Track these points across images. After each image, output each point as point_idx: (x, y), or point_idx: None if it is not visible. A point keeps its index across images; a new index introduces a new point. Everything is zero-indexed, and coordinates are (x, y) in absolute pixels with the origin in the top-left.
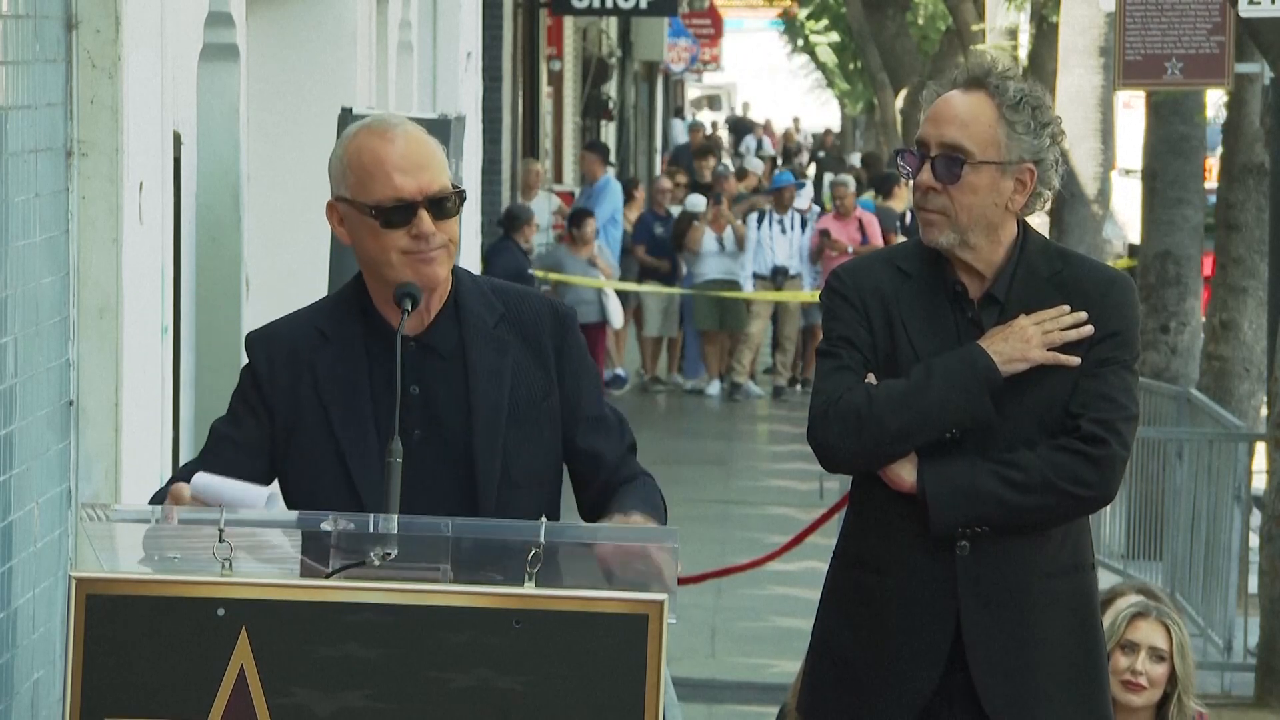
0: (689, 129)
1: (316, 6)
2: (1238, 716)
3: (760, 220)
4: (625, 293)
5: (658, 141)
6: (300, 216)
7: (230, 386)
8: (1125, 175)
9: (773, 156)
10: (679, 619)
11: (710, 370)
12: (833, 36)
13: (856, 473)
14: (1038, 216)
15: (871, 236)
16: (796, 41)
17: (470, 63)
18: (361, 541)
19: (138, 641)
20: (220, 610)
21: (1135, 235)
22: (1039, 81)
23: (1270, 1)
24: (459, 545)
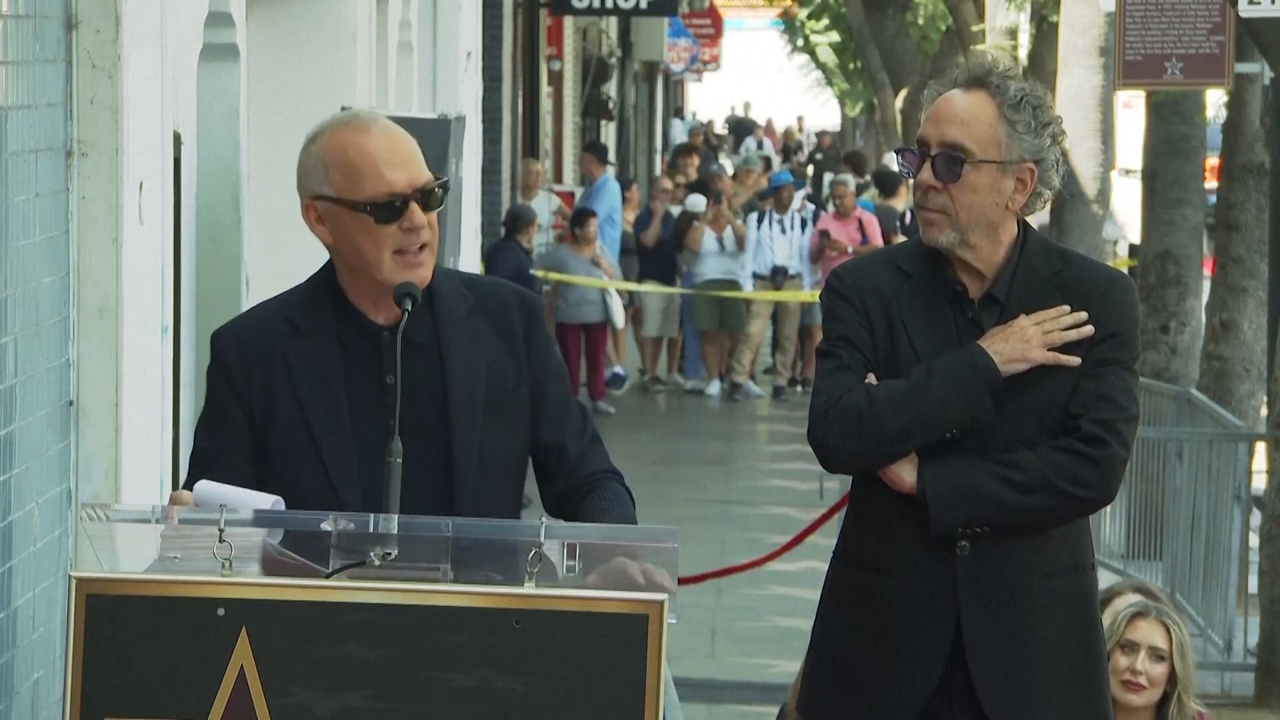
0: (689, 131)
1: (316, 6)
2: (1238, 716)
3: (760, 220)
4: (624, 292)
5: (658, 141)
6: (300, 216)
7: None
8: (1125, 175)
9: (767, 157)
10: (679, 619)
11: (710, 370)
12: (833, 36)
13: (856, 473)
14: (1037, 216)
15: (871, 236)
16: (796, 41)
17: (470, 63)
18: (361, 541)
19: (138, 641)
20: (220, 610)
21: (1135, 235)
22: (1039, 81)
23: (1270, 1)
24: (459, 545)
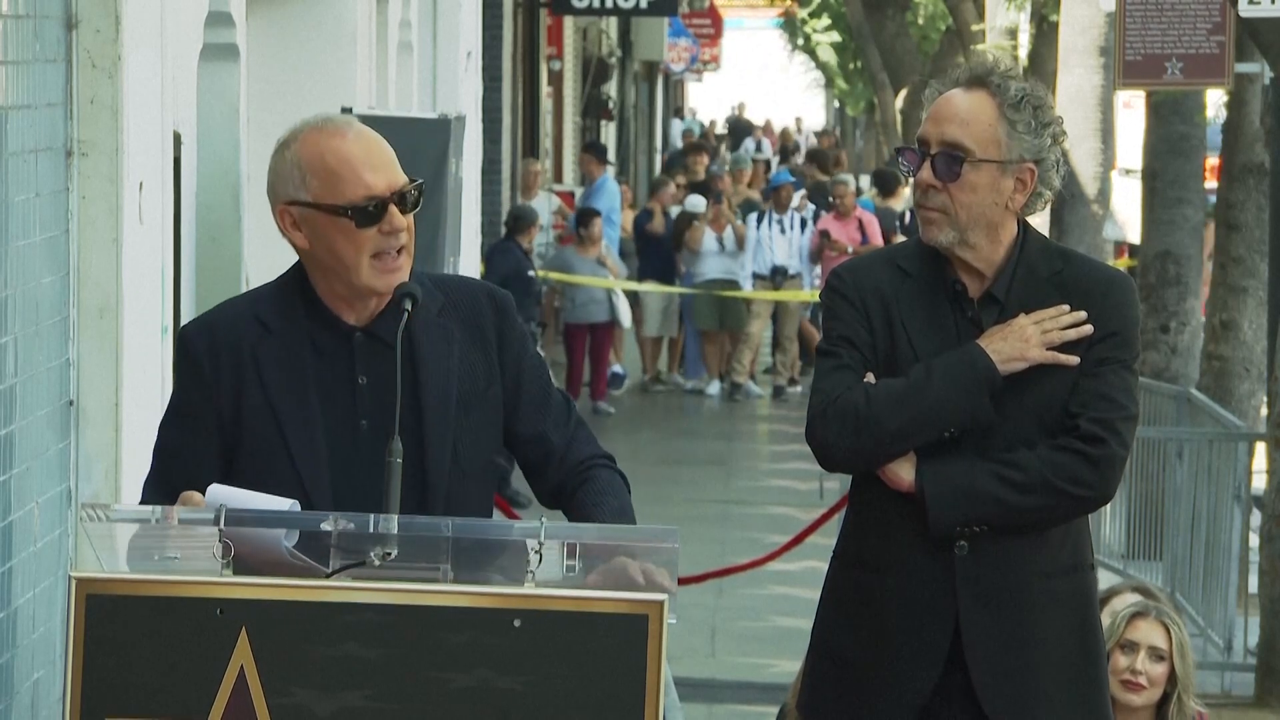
0: (683, 132)
1: (316, 6)
2: (1238, 716)
3: (760, 220)
4: (626, 292)
5: (658, 141)
6: None
7: None
8: (1125, 175)
9: (766, 160)
10: (679, 619)
11: (710, 370)
12: (833, 36)
13: (855, 472)
14: (1037, 216)
15: (871, 236)
16: (796, 41)
17: (470, 63)
18: (361, 541)
19: (138, 641)
20: (220, 610)
21: (1135, 235)
22: (1039, 81)
23: (1270, 1)
24: (459, 545)
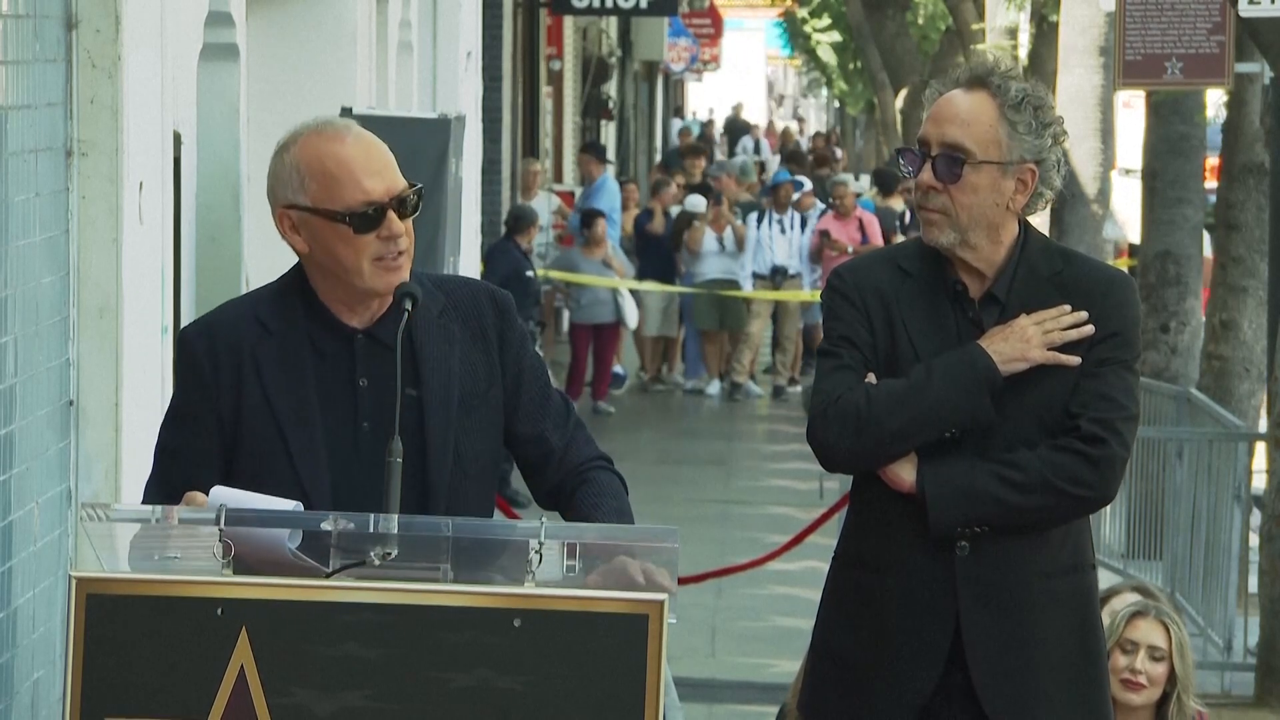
0: (678, 132)
1: (316, 6)
2: (1238, 716)
3: (760, 220)
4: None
5: (658, 141)
6: None
7: None
8: (1125, 175)
9: (761, 162)
10: (679, 619)
11: (710, 370)
12: (834, 36)
13: (856, 472)
14: (1037, 216)
15: (871, 236)
16: (797, 40)
17: (470, 63)
18: (361, 541)
19: (138, 641)
20: (220, 610)
21: (1135, 235)
22: (1040, 81)
23: (1270, 1)
24: (459, 545)
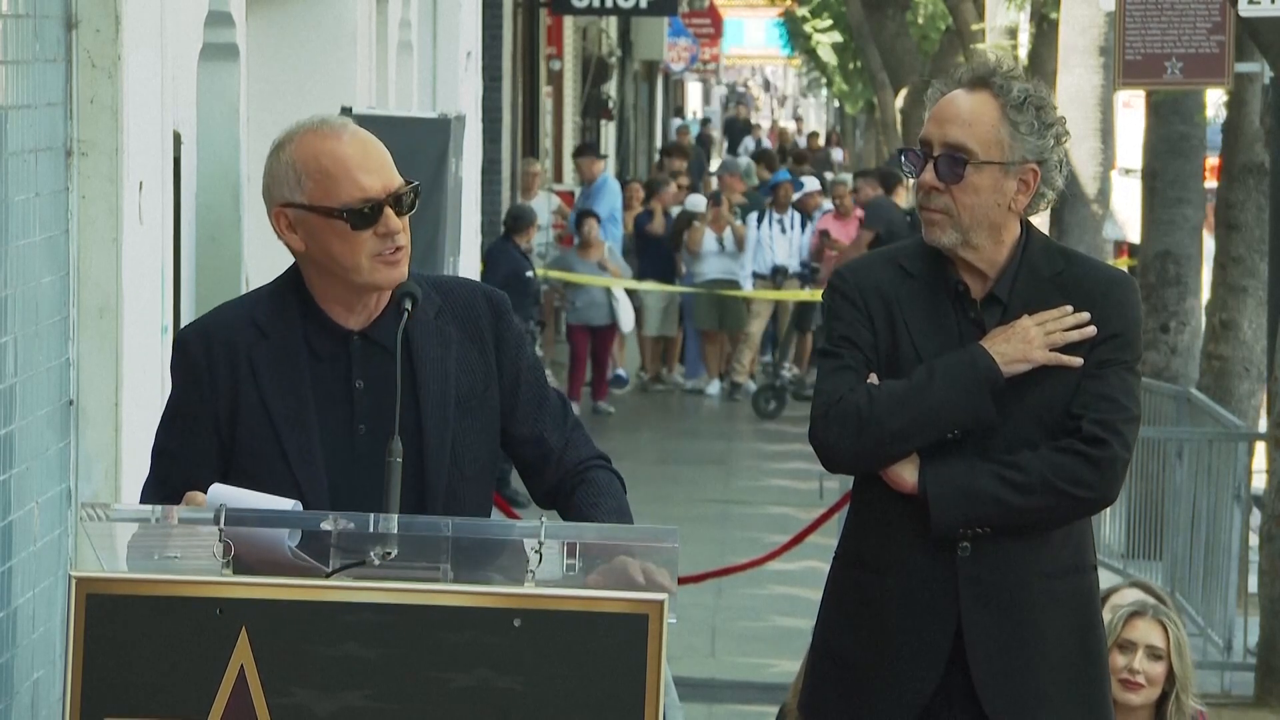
0: (676, 130)
1: (316, 6)
2: (1238, 716)
3: (760, 220)
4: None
5: (658, 141)
6: None
7: None
8: (1125, 175)
9: (766, 151)
10: (679, 619)
11: (710, 370)
12: (834, 36)
13: (857, 473)
14: (1037, 216)
15: None
16: (797, 40)
17: (470, 62)
18: (361, 541)
19: (138, 641)
20: (220, 610)
21: (1135, 235)
22: (1040, 81)
23: (1270, 1)
24: (459, 545)
